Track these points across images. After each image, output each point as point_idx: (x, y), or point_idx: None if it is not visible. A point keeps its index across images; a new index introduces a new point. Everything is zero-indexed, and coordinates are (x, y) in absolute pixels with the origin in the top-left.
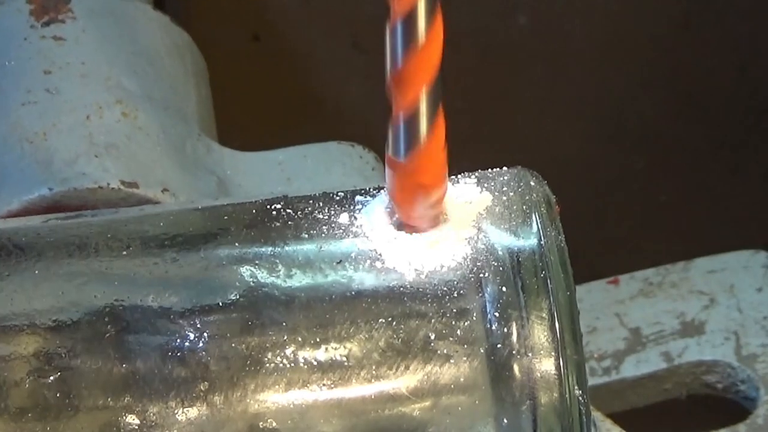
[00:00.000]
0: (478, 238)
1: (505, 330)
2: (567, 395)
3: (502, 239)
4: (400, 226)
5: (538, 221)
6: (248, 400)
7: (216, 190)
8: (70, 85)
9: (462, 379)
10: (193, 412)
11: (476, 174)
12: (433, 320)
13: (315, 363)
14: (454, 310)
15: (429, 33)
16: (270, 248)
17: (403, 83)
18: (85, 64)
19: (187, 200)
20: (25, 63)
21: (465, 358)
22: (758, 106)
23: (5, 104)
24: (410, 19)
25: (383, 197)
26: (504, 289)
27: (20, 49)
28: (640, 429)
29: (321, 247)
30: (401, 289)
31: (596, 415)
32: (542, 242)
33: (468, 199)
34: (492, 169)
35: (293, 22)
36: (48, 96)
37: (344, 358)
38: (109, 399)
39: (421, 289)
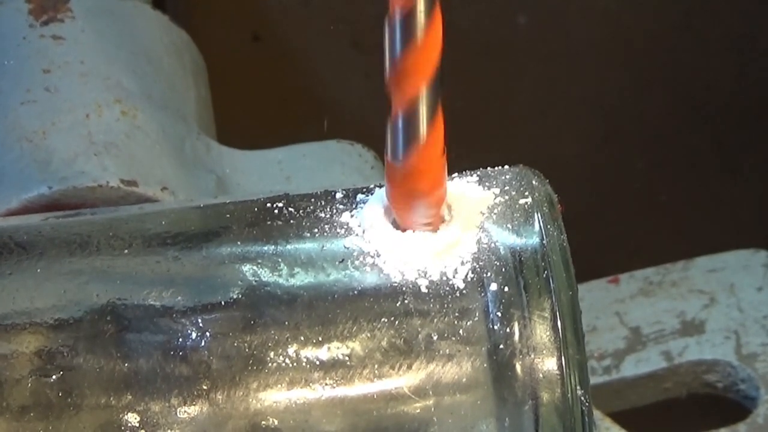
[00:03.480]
0: (480, 237)
1: (508, 329)
2: (569, 395)
3: (505, 238)
4: (402, 225)
5: (541, 220)
6: (250, 399)
7: (215, 188)
8: (69, 84)
9: (464, 379)
10: (194, 411)
11: (478, 172)
12: (435, 320)
13: (317, 362)
14: (457, 310)
15: (428, 29)
16: (272, 247)
17: (402, 80)
18: (84, 64)
19: (187, 199)
20: (24, 62)
21: (467, 358)
22: (758, 106)
23: (4, 103)
24: (409, 16)
25: (384, 196)
26: (506, 288)
27: (19, 49)
28: (640, 428)
29: (323, 246)
30: (403, 288)
31: (595, 413)
32: (544, 241)
33: (470, 197)
34: (493, 168)
35: (293, 22)
36: (47, 95)
37: (346, 357)
38: (110, 397)
39: (423, 289)
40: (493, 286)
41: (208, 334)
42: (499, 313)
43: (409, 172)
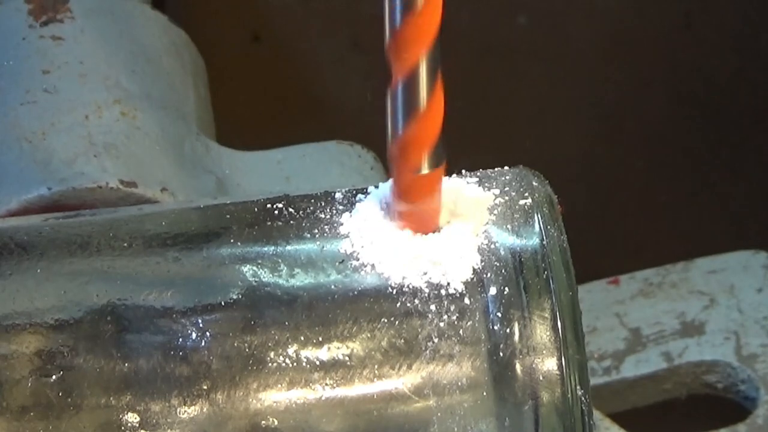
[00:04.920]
0: (480, 237)
1: (508, 330)
2: (569, 395)
3: (505, 239)
4: (402, 223)
5: (540, 221)
6: (250, 399)
7: (215, 189)
8: (69, 84)
9: (464, 379)
10: (194, 411)
11: (478, 173)
12: (435, 320)
13: (317, 362)
14: (457, 310)
15: None
16: (272, 247)
17: (401, 48)
18: (84, 64)
19: (186, 199)
20: (24, 63)
21: (467, 358)
22: (758, 106)
23: (4, 104)
24: None
25: (385, 197)
26: (506, 289)
27: (19, 49)
28: (640, 429)
29: (323, 247)
30: (403, 288)
31: (595, 414)
32: (544, 242)
33: (470, 198)
34: (493, 168)
35: (293, 22)
36: (47, 96)
37: (346, 358)
38: (110, 398)
39: (423, 289)
40: (493, 287)
41: (208, 334)
42: (499, 314)
43: (410, 141)
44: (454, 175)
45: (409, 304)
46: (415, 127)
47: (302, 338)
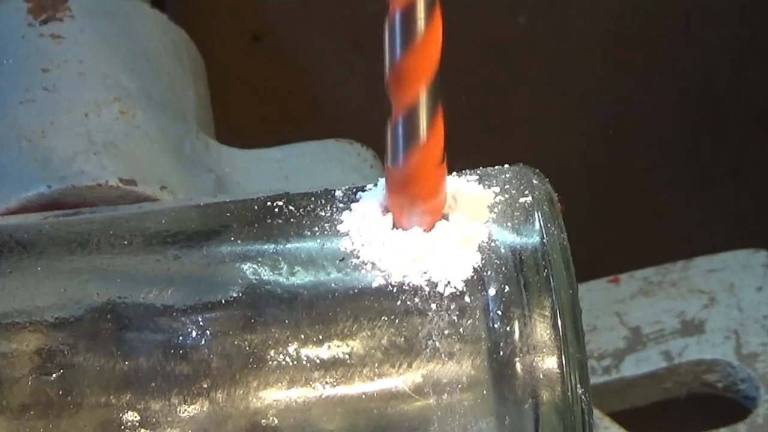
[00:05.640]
0: (480, 236)
1: (508, 328)
2: (569, 393)
3: (505, 237)
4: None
5: (541, 219)
6: (250, 398)
7: (214, 187)
8: (68, 83)
9: (464, 377)
10: (194, 410)
11: (478, 171)
12: (435, 318)
13: (317, 360)
14: (457, 308)
15: (428, 28)
16: (272, 245)
17: (401, 83)
18: (83, 63)
19: (186, 198)
20: (23, 61)
21: (467, 356)
22: (758, 106)
23: (3, 103)
24: (409, 15)
25: (385, 195)
26: (506, 287)
27: (18, 48)
28: (640, 428)
29: (323, 245)
30: (404, 287)
31: (594, 413)
32: (545, 240)
33: (470, 196)
34: (493, 167)
35: (293, 22)
36: (46, 94)
37: (346, 356)
38: (110, 396)
39: (423, 287)
40: (494, 285)
41: (208, 332)
42: (499, 312)
43: (409, 176)
44: (455, 173)
45: (409, 303)
46: (415, 161)
47: (302, 336)
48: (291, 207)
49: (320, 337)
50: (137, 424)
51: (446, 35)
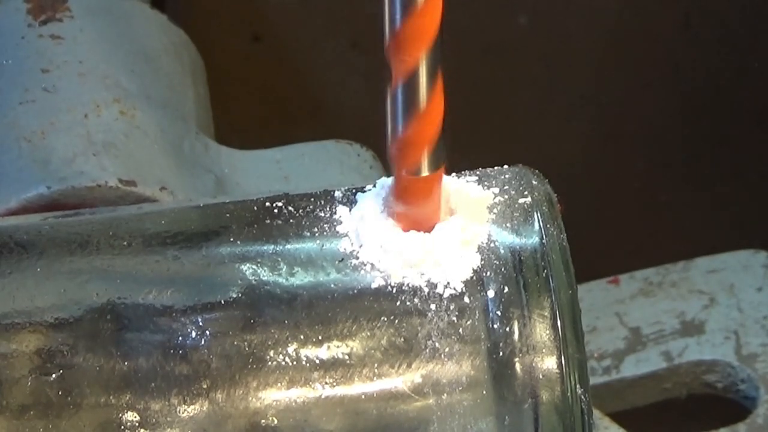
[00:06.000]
0: (479, 236)
1: (507, 328)
2: (569, 393)
3: (504, 238)
4: (401, 221)
5: (540, 220)
6: (250, 398)
7: (214, 188)
8: (68, 83)
9: (464, 378)
10: (194, 410)
11: (477, 172)
12: (435, 318)
13: (317, 361)
14: (456, 309)
15: None
16: (272, 246)
17: (401, 48)
18: (83, 63)
19: (185, 198)
20: (23, 62)
21: (467, 357)
22: (758, 106)
23: (3, 103)
24: None
25: (384, 196)
26: (506, 287)
27: (18, 48)
28: (640, 429)
29: (323, 245)
30: (403, 287)
31: (594, 413)
32: (544, 241)
33: (469, 197)
34: (493, 167)
35: (293, 22)
36: (46, 95)
37: (346, 356)
38: (110, 396)
39: (423, 288)
40: (493, 285)
41: (207, 333)
42: (498, 312)
43: (410, 142)
44: (454, 174)
45: (408, 303)
46: (414, 128)
47: (302, 337)
48: (290, 208)
49: (320, 337)
50: (137, 424)
51: (446, 35)
